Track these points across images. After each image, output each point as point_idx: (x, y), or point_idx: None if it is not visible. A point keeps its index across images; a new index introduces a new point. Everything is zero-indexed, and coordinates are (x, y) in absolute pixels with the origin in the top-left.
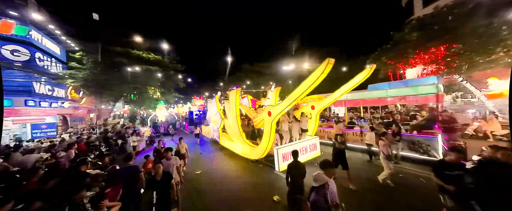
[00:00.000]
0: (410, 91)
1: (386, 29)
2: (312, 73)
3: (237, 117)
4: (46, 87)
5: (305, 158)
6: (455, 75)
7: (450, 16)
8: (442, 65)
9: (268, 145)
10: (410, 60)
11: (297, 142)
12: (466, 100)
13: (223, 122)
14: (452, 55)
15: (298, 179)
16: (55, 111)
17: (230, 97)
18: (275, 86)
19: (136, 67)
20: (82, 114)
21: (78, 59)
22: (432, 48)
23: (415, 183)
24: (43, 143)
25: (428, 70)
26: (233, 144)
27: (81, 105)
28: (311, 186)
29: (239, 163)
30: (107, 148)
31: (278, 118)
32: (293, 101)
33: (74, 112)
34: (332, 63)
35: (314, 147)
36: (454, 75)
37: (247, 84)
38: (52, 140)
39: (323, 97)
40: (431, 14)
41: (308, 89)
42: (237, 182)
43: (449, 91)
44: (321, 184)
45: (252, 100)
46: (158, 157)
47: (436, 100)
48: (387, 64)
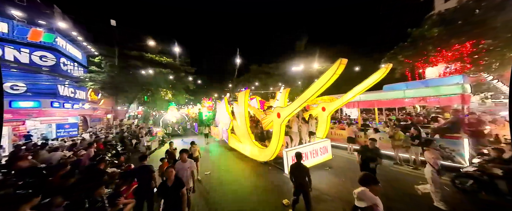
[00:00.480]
0: (431, 92)
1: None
2: (324, 74)
3: (246, 118)
4: (69, 90)
5: (315, 161)
6: (483, 74)
7: (477, 10)
8: (468, 63)
9: (277, 147)
10: (430, 58)
11: (307, 145)
12: (497, 101)
13: (232, 123)
14: (480, 51)
15: (301, 180)
16: (77, 112)
17: (239, 98)
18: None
19: (149, 70)
20: (100, 115)
21: (97, 63)
22: (455, 45)
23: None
24: (66, 141)
25: (451, 69)
26: (242, 145)
27: (99, 106)
28: (354, 205)
29: (248, 165)
30: (122, 148)
31: (288, 120)
32: (303, 102)
33: (93, 113)
34: (345, 64)
35: (325, 150)
36: (482, 73)
37: (255, 85)
38: (74, 139)
39: (335, 99)
40: (455, 8)
41: (319, 91)
42: (246, 184)
43: (477, 91)
44: (369, 205)
45: (261, 101)
46: (171, 159)
47: (462, 101)
48: (404, 62)
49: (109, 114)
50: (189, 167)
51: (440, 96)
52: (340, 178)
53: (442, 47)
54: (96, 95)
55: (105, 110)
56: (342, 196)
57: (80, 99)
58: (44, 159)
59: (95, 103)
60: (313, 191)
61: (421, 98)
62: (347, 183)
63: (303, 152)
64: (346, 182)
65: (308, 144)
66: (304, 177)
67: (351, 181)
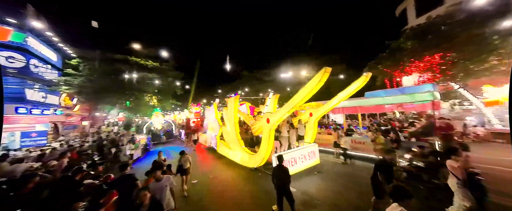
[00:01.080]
0: (406, 99)
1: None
2: (310, 81)
3: (235, 124)
4: (39, 94)
5: (304, 166)
6: (451, 83)
7: (443, 26)
8: (437, 73)
9: (267, 152)
10: (406, 68)
11: (295, 150)
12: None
13: (221, 129)
14: (447, 63)
15: (285, 180)
16: (47, 119)
17: (228, 104)
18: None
19: (134, 74)
20: (75, 121)
21: (74, 65)
22: (427, 57)
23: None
24: (31, 152)
25: (424, 78)
26: (232, 152)
27: (74, 113)
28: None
29: (237, 172)
30: (100, 157)
31: (277, 125)
32: (292, 108)
33: (67, 119)
34: (329, 72)
35: (313, 154)
36: (450, 82)
37: (245, 91)
38: (42, 149)
39: (321, 105)
40: (425, 23)
41: (306, 97)
42: (235, 191)
43: (446, 99)
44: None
45: (251, 107)
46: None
47: (433, 107)
48: (384, 72)
49: (85, 120)
50: (167, 185)
51: (415, 102)
52: (328, 182)
53: (415, 58)
54: (70, 100)
55: (81, 117)
56: (331, 201)
57: (52, 105)
58: (6, 172)
59: (69, 108)
60: (303, 195)
61: (399, 104)
62: (335, 188)
63: (292, 157)
64: (334, 187)
65: (296, 149)
66: (285, 178)
67: (339, 185)
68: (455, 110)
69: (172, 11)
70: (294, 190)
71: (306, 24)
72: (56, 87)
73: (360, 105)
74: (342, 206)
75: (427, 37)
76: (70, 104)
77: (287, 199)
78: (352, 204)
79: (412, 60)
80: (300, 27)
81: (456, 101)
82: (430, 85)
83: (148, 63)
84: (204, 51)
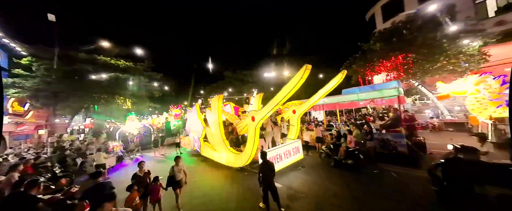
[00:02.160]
0: (377, 95)
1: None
2: (292, 78)
3: (220, 124)
4: None
5: (289, 161)
6: (412, 80)
7: (404, 30)
8: (401, 72)
9: (253, 150)
10: (375, 67)
11: (281, 146)
12: (423, 102)
13: (204, 131)
14: (408, 63)
15: (269, 177)
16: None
17: (212, 104)
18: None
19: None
20: (28, 131)
21: (26, 65)
22: (392, 57)
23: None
24: None
25: (391, 76)
26: (217, 153)
27: (26, 120)
28: None
29: (223, 173)
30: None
31: (262, 123)
32: (276, 105)
33: (16, 129)
34: (310, 69)
35: (297, 150)
36: (411, 80)
37: (229, 92)
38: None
39: (303, 103)
40: (390, 28)
41: (289, 94)
42: (221, 192)
43: (409, 95)
44: None
45: (235, 107)
46: (142, 187)
47: (398, 101)
48: (357, 71)
49: (42, 129)
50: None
51: (384, 98)
52: (312, 176)
53: (383, 59)
54: (21, 105)
55: (36, 125)
56: (315, 193)
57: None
58: None
59: (20, 115)
60: (289, 190)
61: (371, 100)
62: (319, 180)
63: (277, 153)
64: (317, 179)
65: (281, 146)
66: (270, 173)
67: (321, 178)
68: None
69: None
70: (280, 185)
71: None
72: None
73: (338, 102)
74: (325, 196)
75: (392, 40)
76: (21, 111)
77: (272, 194)
78: (334, 194)
79: (380, 60)
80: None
81: (417, 96)
82: (396, 82)
83: (120, 63)
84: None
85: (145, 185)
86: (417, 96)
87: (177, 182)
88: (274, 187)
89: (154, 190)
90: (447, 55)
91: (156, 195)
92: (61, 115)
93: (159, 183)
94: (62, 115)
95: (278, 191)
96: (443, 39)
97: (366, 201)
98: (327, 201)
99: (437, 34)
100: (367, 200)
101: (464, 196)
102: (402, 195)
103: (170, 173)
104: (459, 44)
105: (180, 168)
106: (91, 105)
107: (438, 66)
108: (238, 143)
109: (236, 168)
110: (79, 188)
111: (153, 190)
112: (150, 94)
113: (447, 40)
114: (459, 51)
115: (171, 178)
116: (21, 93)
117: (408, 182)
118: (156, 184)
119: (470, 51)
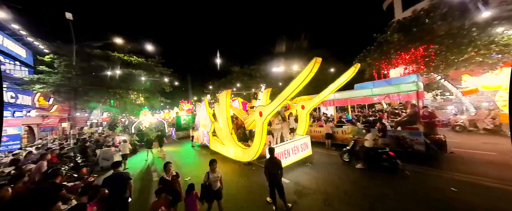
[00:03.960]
0: (393, 89)
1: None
2: (301, 72)
3: (228, 119)
4: (8, 94)
5: (297, 157)
6: (433, 74)
7: (427, 19)
8: (421, 65)
9: (260, 146)
10: (392, 60)
11: (289, 142)
12: (444, 97)
13: (213, 125)
14: (429, 55)
15: (275, 173)
16: (20, 121)
17: (220, 99)
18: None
19: (117, 71)
20: (53, 123)
21: (48, 62)
22: (412, 49)
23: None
24: (2, 158)
25: (409, 70)
26: (225, 148)
27: (51, 114)
28: None
29: (231, 167)
30: (83, 159)
31: (269, 118)
32: (284, 100)
33: (43, 121)
34: (319, 62)
35: (306, 146)
36: (433, 74)
37: (237, 87)
38: (16, 154)
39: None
40: (410, 17)
41: (298, 88)
42: (229, 186)
43: (429, 89)
44: None
45: (243, 102)
46: (169, 192)
47: (417, 97)
48: (372, 64)
49: (65, 122)
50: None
51: (400, 93)
52: (320, 172)
53: (401, 51)
54: (46, 100)
55: (59, 118)
56: (323, 189)
57: (24, 105)
58: None
59: (46, 109)
60: (296, 186)
61: (386, 95)
62: (327, 177)
63: (285, 149)
64: (325, 176)
65: (290, 141)
66: (277, 170)
67: (330, 175)
68: (437, 100)
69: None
70: (287, 181)
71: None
72: (28, 86)
73: (350, 97)
74: (333, 193)
75: (412, 30)
76: (46, 105)
77: (278, 191)
78: (344, 190)
79: (398, 52)
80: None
81: (438, 91)
82: (415, 76)
83: (132, 59)
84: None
85: (173, 189)
86: (439, 91)
87: (214, 192)
88: (280, 184)
89: (190, 203)
90: (476, 45)
91: (193, 209)
92: (81, 109)
93: (195, 192)
94: (82, 109)
95: (285, 186)
96: (472, 28)
97: (376, 198)
98: (335, 197)
99: (465, 22)
100: (377, 197)
101: None
102: (414, 194)
103: (205, 181)
104: (492, 32)
105: (217, 176)
106: (108, 100)
107: (464, 58)
108: (245, 138)
109: (244, 163)
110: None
111: (189, 202)
112: (161, 89)
113: (476, 28)
114: (491, 40)
115: (207, 188)
116: (45, 88)
117: (423, 181)
118: (192, 194)
119: (504, 40)
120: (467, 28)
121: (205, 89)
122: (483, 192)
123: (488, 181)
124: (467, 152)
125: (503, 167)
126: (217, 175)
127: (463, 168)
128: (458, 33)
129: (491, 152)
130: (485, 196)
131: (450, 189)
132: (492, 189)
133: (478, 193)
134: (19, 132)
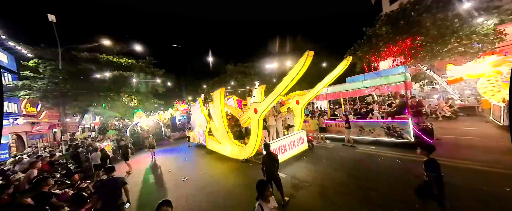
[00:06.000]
0: (382, 81)
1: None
2: (294, 66)
3: (223, 117)
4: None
5: (293, 152)
6: (420, 65)
7: (412, 12)
8: (409, 56)
9: (257, 142)
10: (381, 53)
11: (285, 137)
12: (431, 87)
13: (208, 124)
14: (416, 46)
15: (272, 168)
16: (7, 130)
17: (214, 98)
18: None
19: (106, 73)
20: (43, 130)
21: (33, 67)
22: (399, 41)
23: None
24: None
25: (397, 62)
26: (221, 146)
27: (40, 121)
28: None
29: (228, 165)
30: (76, 165)
31: (265, 114)
32: (278, 95)
33: (32, 129)
34: (312, 56)
35: (302, 140)
36: (419, 64)
37: (231, 85)
38: (1, 164)
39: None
40: (397, 10)
41: (292, 82)
42: (227, 184)
43: (416, 80)
44: None
45: (238, 100)
46: None
47: (405, 87)
48: (362, 57)
49: (55, 128)
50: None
51: (390, 84)
52: (316, 165)
53: (390, 44)
54: (33, 107)
55: (49, 124)
56: (319, 182)
57: (10, 113)
58: None
59: (34, 116)
60: (293, 179)
61: (376, 87)
62: (322, 169)
63: (281, 144)
64: (320, 169)
65: (286, 137)
66: (274, 165)
67: (325, 167)
68: (424, 90)
69: None
70: (283, 175)
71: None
72: (13, 93)
73: (342, 91)
74: (329, 185)
75: (399, 23)
76: (34, 112)
77: (275, 185)
78: (339, 182)
79: (387, 45)
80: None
81: (425, 81)
82: (403, 67)
83: (122, 60)
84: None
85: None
86: (426, 81)
87: None
88: (277, 178)
89: None
90: (458, 36)
91: None
92: (71, 114)
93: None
94: (72, 114)
95: (282, 180)
96: (454, 19)
97: (370, 188)
98: (331, 189)
99: (448, 13)
100: (371, 187)
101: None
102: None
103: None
104: (472, 23)
105: (273, 207)
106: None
107: (448, 49)
108: (241, 136)
109: (241, 160)
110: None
111: None
112: (154, 91)
113: (458, 19)
114: (472, 31)
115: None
116: (31, 94)
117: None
118: None
119: (484, 30)
120: (450, 19)
121: (199, 88)
122: (468, 174)
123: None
124: (451, 138)
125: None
126: (273, 204)
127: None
128: (442, 24)
129: (474, 137)
130: (470, 178)
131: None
132: (477, 172)
133: (464, 176)
134: (7, 141)
